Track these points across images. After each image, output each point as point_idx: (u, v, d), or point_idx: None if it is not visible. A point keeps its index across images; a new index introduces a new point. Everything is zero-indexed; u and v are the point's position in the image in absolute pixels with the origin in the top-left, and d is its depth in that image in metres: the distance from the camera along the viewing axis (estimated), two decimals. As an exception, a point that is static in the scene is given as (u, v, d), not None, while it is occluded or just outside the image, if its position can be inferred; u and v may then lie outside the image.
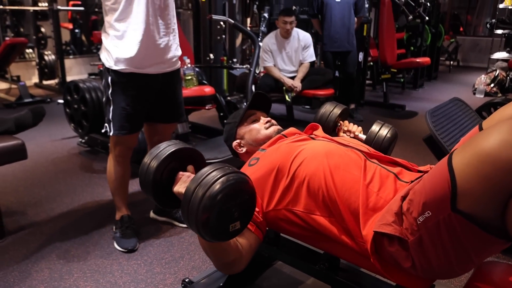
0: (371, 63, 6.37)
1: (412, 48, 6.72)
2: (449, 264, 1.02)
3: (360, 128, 1.74)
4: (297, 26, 4.29)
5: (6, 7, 6.16)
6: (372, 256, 1.14)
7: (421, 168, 1.34)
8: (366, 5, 5.03)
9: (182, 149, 1.25)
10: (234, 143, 1.63)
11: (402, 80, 6.65)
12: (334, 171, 1.25)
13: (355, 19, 4.49)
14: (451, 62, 9.62)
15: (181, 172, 1.23)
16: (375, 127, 1.69)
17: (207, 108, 3.27)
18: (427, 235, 1.01)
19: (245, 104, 3.59)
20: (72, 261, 2.02)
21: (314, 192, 1.26)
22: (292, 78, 4.20)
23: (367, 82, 6.80)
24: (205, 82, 3.55)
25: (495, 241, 0.96)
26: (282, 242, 1.65)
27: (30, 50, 6.48)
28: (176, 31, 1.99)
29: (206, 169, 1.06)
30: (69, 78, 5.19)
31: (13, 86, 5.56)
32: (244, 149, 1.61)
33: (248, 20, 6.33)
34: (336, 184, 1.23)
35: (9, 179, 2.97)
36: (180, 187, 1.18)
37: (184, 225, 2.30)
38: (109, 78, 1.87)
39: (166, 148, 1.23)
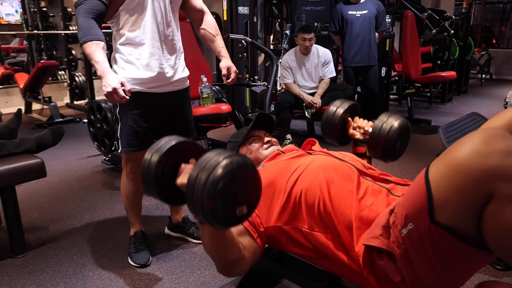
0: (396, 78, 6.30)
1: (439, 62, 6.62)
2: (437, 278, 1.00)
3: (370, 122, 1.65)
4: (319, 43, 4.31)
5: (40, 32, 6.46)
6: (364, 270, 1.14)
7: None
8: (389, 20, 5.01)
9: (182, 143, 1.22)
10: None
11: (429, 94, 6.54)
12: (329, 184, 1.26)
13: (376, 34, 4.48)
14: (483, 75, 9.38)
15: (183, 164, 1.21)
16: (381, 117, 1.56)
17: (224, 125, 3.32)
18: (412, 248, 1.01)
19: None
20: (87, 275, 2.07)
21: (310, 207, 1.27)
22: (312, 94, 4.21)
23: (393, 97, 6.73)
24: (225, 100, 3.60)
25: (476, 253, 0.94)
26: (286, 258, 1.64)
27: (63, 72, 6.76)
28: (182, 52, 2.05)
29: (208, 154, 1.06)
30: (98, 98, 5.39)
31: (45, 106, 5.80)
32: None
33: (271, 37, 6.41)
34: (331, 198, 1.23)
35: (35, 196, 3.10)
36: (183, 178, 1.17)
37: (197, 241, 2.33)
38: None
39: (166, 142, 1.21)
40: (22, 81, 5.62)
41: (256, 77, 4.88)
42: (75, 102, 6.42)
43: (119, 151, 2.01)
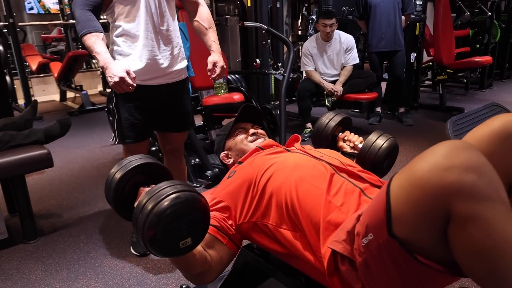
0: (430, 63, 6.03)
1: (478, 45, 6.25)
2: None
3: (360, 138, 1.70)
4: (347, 28, 4.17)
5: (74, 21, 6.65)
6: (327, 274, 1.11)
7: None
8: (420, 2, 4.78)
9: (148, 164, 1.24)
10: (222, 154, 1.66)
11: (465, 80, 6.20)
12: (298, 184, 1.24)
13: (403, 17, 4.29)
14: (530, 59, 8.80)
15: (142, 188, 1.23)
16: (371, 137, 1.62)
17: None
18: (372, 259, 0.97)
19: (277, 112, 3.58)
20: (90, 262, 2.15)
21: (280, 205, 1.26)
22: (334, 82, 4.11)
23: (427, 83, 6.45)
24: (242, 88, 3.58)
25: (436, 273, 0.89)
26: (271, 254, 1.63)
27: (96, 60, 6.95)
28: (181, 43, 2.04)
29: (160, 184, 1.06)
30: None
31: (78, 94, 5.99)
32: (231, 160, 1.64)
33: (299, 22, 6.29)
34: (299, 197, 1.21)
35: (55, 183, 3.22)
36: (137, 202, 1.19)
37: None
38: (113, 90, 1.96)
39: (133, 161, 1.23)
40: (56, 70, 5.83)
41: (279, 64, 4.80)
42: (107, 90, 6.60)
43: (115, 143, 2.04)
